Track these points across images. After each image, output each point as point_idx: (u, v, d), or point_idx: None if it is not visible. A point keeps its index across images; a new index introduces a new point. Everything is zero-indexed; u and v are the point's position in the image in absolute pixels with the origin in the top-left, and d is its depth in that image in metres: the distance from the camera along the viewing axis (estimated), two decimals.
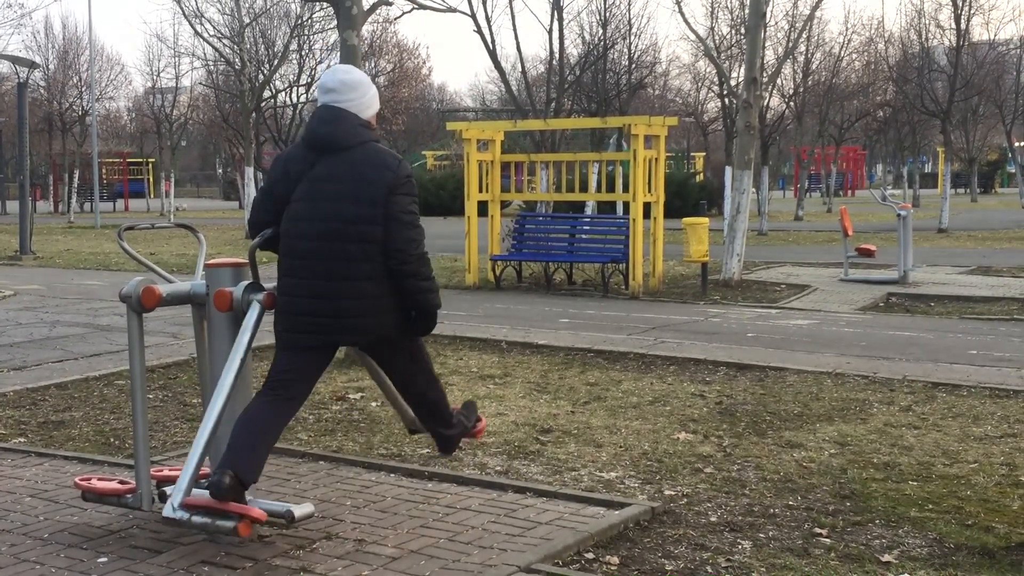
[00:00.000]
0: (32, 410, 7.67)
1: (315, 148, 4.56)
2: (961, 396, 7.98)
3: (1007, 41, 45.81)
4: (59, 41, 48.22)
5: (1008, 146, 54.56)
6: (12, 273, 19.24)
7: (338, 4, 9.96)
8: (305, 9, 31.19)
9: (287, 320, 4.54)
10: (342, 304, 4.45)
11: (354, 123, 4.56)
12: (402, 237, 4.44)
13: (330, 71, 4.75)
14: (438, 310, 4.65)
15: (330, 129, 4.54)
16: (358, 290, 4.44)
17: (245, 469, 4.36)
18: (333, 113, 4.56)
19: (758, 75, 17.09)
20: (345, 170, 4.47)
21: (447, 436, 5.06)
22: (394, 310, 4.54)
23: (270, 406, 4.56)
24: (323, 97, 4.63)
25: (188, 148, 68.49)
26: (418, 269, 4.49)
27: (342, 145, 4.51)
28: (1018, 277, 16.80)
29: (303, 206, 4.50)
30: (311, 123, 4.66)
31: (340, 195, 4.45)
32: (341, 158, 4.50)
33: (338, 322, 4.47)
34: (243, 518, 4.31)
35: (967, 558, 4.62)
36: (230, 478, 4.29)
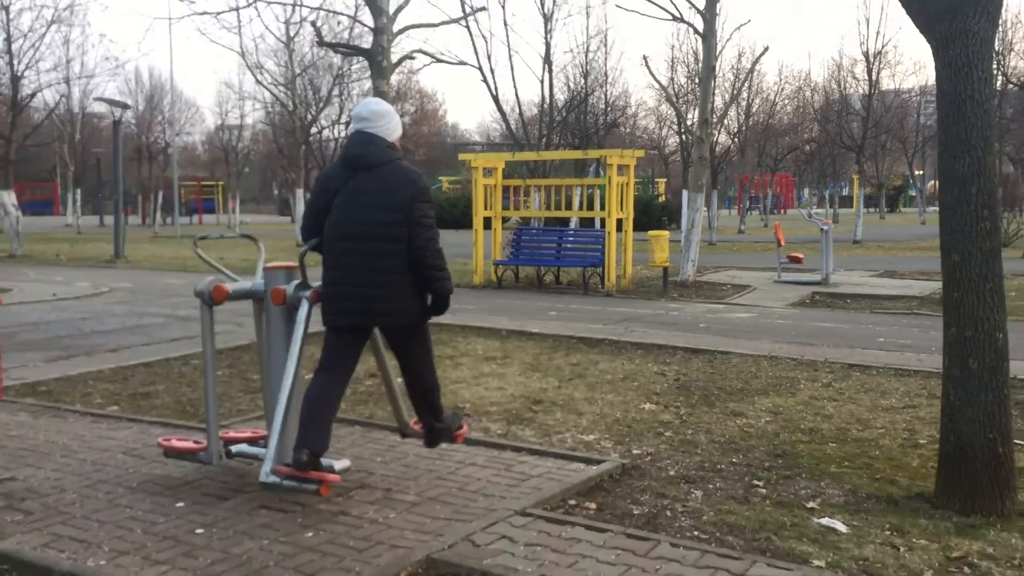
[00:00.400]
0: (124, 384, 7.66)
1: (350, 166, 4.54)
2: (871, 375, 7.97)
3: (910, 90, 45.78)
4: (146, 86, 48.15)
5: (910, 174, 54.55)
6: (108, 273, 19.20)
7: (372, 58, 9.94)
8: (345, 62, 31.17)
9: (331, 305, 4.52)
10: (374, 291, 4.44)
11: (382, 145, 4.55)
12: (423, 237, 4.44)
13: (362, 103, 4.71)
14: (450, 295, 4.63)
15: (363, 151, 4.52)
16: (387, 280, 4.44)
17: (317, 444, 4.40)
18: (365, 137, 4.55)
19: (709, 116, 17.07)
20: (375, 184, 4.46)
21: (437, 429, 4.85)
22: (415, 296, 4.53)
23: (326, 384, 4.54)
24: (356, 124, 4.61)
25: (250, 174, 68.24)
26: (435, 262, 4.48)
27: (373, 163, 4.50)
28: (917, 279, 16.78)
29: (341, 214, 4.49)
30: (348, 146, 4.62)
31: (371, 204, 4.44)
32: (372, 174, 4.48)
33: (371, 306, 4.46)
34: (323, 482, 4.36)
35: (876, 505, 4.62)
36: (307, 456, 4.34)
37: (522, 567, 3.74)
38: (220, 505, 4.50)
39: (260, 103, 38.69)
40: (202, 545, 3.99)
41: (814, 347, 9.49)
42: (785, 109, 39.97)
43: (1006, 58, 28.75)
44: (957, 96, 4.50)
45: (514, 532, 4.13)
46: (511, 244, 16.58)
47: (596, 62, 29.50)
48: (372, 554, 3.89)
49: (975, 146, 4.47)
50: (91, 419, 6.33)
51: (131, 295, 14.86)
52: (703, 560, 3.81)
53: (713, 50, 16.99)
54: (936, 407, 6.15)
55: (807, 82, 40.98)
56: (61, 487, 4.79)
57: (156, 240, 33.06)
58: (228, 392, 7.24)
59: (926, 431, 6.04)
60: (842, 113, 34.91)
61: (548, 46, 26.23)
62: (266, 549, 3.94)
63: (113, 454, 5.41)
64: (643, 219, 28.35)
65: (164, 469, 5.08)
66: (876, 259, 22.08)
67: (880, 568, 3.81)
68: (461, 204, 37.43)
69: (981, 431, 4.48)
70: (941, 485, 4.63)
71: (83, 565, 3.78)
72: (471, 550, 3.92)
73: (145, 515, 4.36)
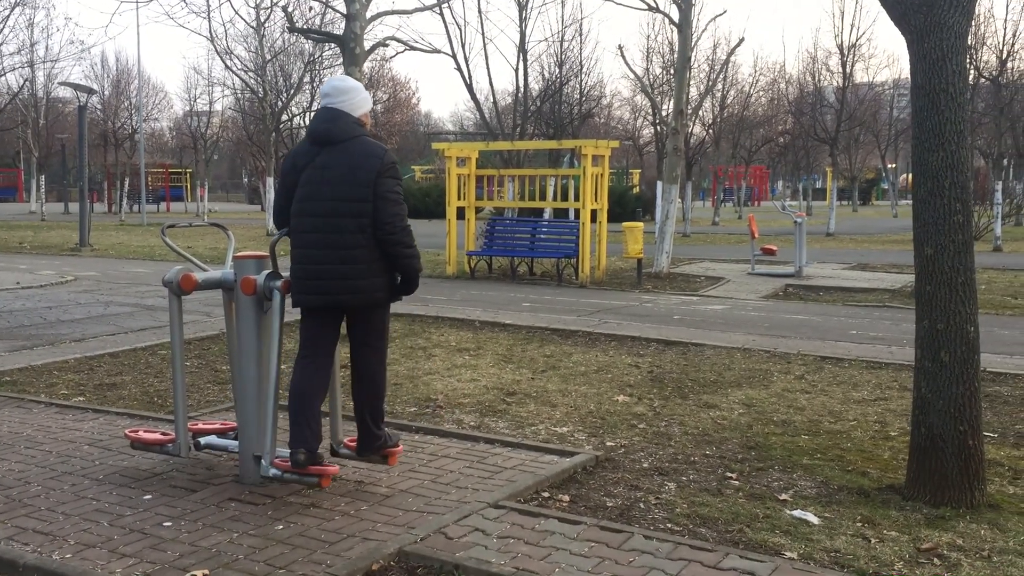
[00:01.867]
0: (89, 374, 7.58)
1: (317, 142, 4.50)
2: (843, 367, 8.05)
3: (883, 83, 46.27)
4: (113, 71, 47.51)
5: (882, 167, 55.10)
6: (73, 262, 18.96)
7: (344, 45, 9.87)
8: (317, 49, 30.94)
9: (299, 284, 4.49)
10: (340, 268, 4.39)
11: (348, 121, 4.51)
12: (389, 212, 4.40)
13: (328, 80, 4.68)
14: (419, 274, 4.59)
15: (328, 127, 4.49)
16: (353, 257, 4.39)
17: (311, 441, 4.39)
18: (331, 113, 4.52)
19: (684, 108, 17.12)
20: (341, 159, 4.43)
21: (374, 435, 4.66)
22: (383, 274, 4.47)
23: (310, 376, 4.50)
24: (322, 100, 4.59)
25: (219, 161, 67.78)
26: (402, 239, 4.44)
27: (338, 139, 4.46)
28: (890, 272, 16.97)
29: (308, 190, 4.45)
30: (313, 121, 4.59)
31: (337, 179, 4.40)
32: (338, 149, 4.45)
33: (338, 283, 4.40)
34: (323, 476, 4.39)
35: (847, 496, 4.67)
36: (303, 455, 4.35)
37: (495, 559, 3.74)
38: (189, 497, 4.46)
39: (230, 89, 38.38)
40: (170, 538, 3.96)
41: (787, 339, 9.57)
42: (760, 101, 40.24)
43: (978, 52, 29.10)
44: (931, 89, 4.54)
45: (487, 524, 4.13)
46: (485, 235, 16.56)
47: (571, 51, 29.54)
48: (343, 547, 3.87)
49: (948, 139, 4.52)
50: (56, 410, 6.26)
51: (97, 284, 14.69)
52: (676, 552, 3.84)
53: (688, 41, 17.04)
54: (907, 399, 6.23)
55: (781, 74, 41.29)
56: (25, 479, 4.73)
57: (122, 228, 32.67)
58: (197, 383, 7.18)
59: (897, 423, 6.11)
60: (816, 106, 35.17)
61: (523, 35, 26.19)
62: (235, 542, 3.92)
63: (79, 446, 5.35)
64: (617, 210, 28.46)
65: (131, 461, 5.04)
66: (849, 252, 22.29)
67: (851, 559, 3.85)
68: (434, 194, 37.30)
69: (952, 423, 4.54)
70: (912, 477, 4.68)
71: (48, 558, 3.73)
72: (443, 542, 3.92)
73: (112, 507, 4.32)
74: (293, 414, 4.46)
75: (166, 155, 60.09)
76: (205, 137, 48.25)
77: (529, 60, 26.77)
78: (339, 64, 28.12)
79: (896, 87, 47.11)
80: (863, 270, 17.56)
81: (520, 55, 26.43)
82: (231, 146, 53.77)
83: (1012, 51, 29.04)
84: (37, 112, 41.20)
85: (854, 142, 41.61)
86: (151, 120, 50.98)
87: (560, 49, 28.83)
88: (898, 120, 47.90)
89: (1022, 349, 9.15)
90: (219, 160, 66.73)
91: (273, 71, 31.47)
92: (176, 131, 57.47)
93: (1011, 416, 6.38)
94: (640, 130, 41.43)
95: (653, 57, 31.87)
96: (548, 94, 28.68)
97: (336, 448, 4.92)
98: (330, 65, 32.48)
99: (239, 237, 24.08)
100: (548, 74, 29.36)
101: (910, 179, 5.48)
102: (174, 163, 57.43)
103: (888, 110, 48.61)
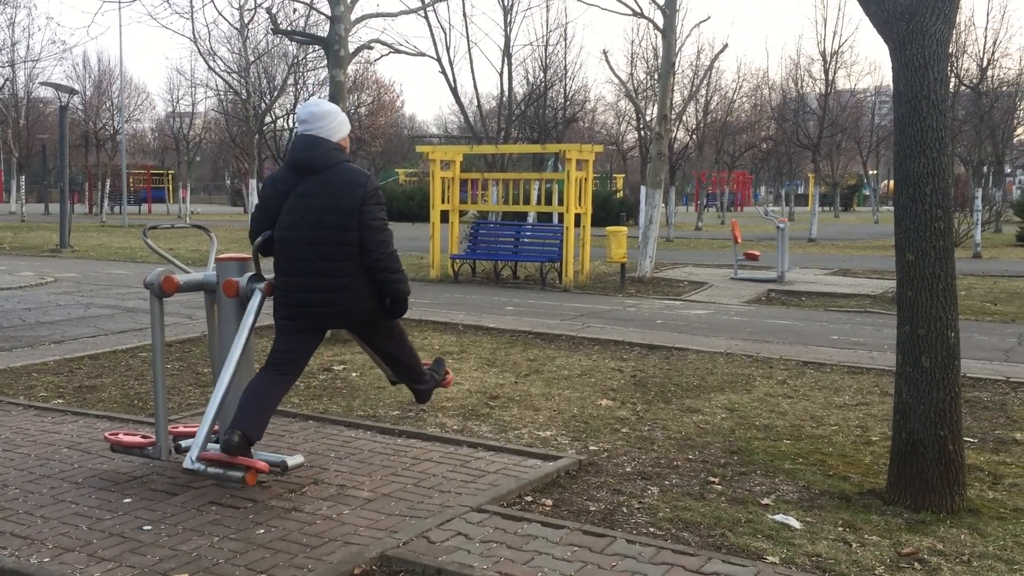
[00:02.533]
0: (69, 376, 7.51)
1: (298, 170, 4.49)
2: (825, 372, 8.09)
3: (865, 90, 46.58)
4: (95, 72, 47.17)
5: (864, 173, 55.48)
6: (53, 263, 18.81)
7: (328, 47, 9.84)
8: (301, 50, 30.84)
9: (285, 310, 4.51)
10: (328, 296, 4.43)
11: (328, 147, 4.49)
12: (374, 240, 4.41)
13: (304, 105, 4.65)
14: (408, 296, 4.62)
15: (308, 155, 4.47)
16: (340, 284, 4.42)
17: (251, 429, 4.35)
18: (309, 141, 4.50)
19: (668, 113, 17.19)
20: (323, 188, 4.41)
21: (421, 390, 5.11)
22: (371, 298, 4.51)
23: (272, 379, 4.52)
24: (300, 127, 4.57)
25: (202, 163, 67.38)
26: (388, 264, 4.46)
27: (319, 167, 4.45)
28: (871, 278, 17.08)
29: (291, 219, 4.45)
30: (293, 150, 4.56)
31: (320, 208, 4.40)
32: (319, 178, 4.44)
33: (326, 310, 4.46)
34: (249, 469, 4.30)
35: (829, 501, 4.68)
36: (239, 436, 4.29)
37: (477, 564, 3.73)
38: (169, 501, 4.43)
39: (213, 91, 38.15)
40: (150, 542, 3.93)
41: (769, 344, 9.61)
42: (743, 107, 40.45)
43: (959, 60, 29.35)
44: (913, 96, 4.57)
45: (469, 529, 4.12)
46: (468, 238, 16.55)
47: (556, 56, 29.61)
48: (325, 551, 3.85)
49: (930, 146, 4.55)
50: (35, 412, 6.20)
51: (77, 285, 14.57)
52: (659, 556, 3.84)
53: (673, 46, 17.10)
54: (888, 404, 6.27)
55: (765, 80, 41.48)
56: (3, 482, 4.68)
57: (103, 229, 32.43)
58: (178, 386, 7.13)
59: (878, 428, 6.14)
60: (799, 112, 35.38)
61: (508, 39, 26.23)
62: (216, 546, 3.89)
63: (58, 448, 5.30)
64: (601, 215, 28.53)
65: (111, 464, 4.99)
66: (831, 257, 22.42)
67: (833, 564, 3.86)
68: (418, 197, 37.29)
69: (932, 428, 4.57)
70: (893, 482, 4.71)
71: (26, 562, 3.69)
72: (426, 547, 3.90)
73: (91, 511, 4.28)
74: (245, 401, 4.41)
75: (148, 156, 59.72)
76: (188, 139, 47.99)
77: (514, 64, 26.83)
78: (323, 66, 28.07)
79: (878, 94, 47.42)
80: (845, 275, 17.66)
81: (505, 59, 26.47)
82: (214, 148, 53.55)
83: (992, 59, 29.31)
84: (18, 112, 40.80)
85: (836, 148, 41.83)
86: (133, 121, 50.69)
87: (545, 53, 28.91)
88: (880, 127, 48.22)
89: (1001, 355, 9.22)
90: (202, 162, 66.35)
91: (257, 73, 31.32)
92: (158, 132, 57.13)
93: (991, 421, 6.42)
94: (624, 135, 41.61)
95: (637, 62, 32.04)
96: (533, 98, 28.73)
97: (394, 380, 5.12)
98: (314, 67, 32.39)
99: (222, 239, 23.98)
100: (533, 78, 29.42)
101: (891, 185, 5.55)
102: (156, 164, 57.09)
103: (870, 117, 48.94)
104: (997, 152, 33.48)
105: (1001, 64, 31.11)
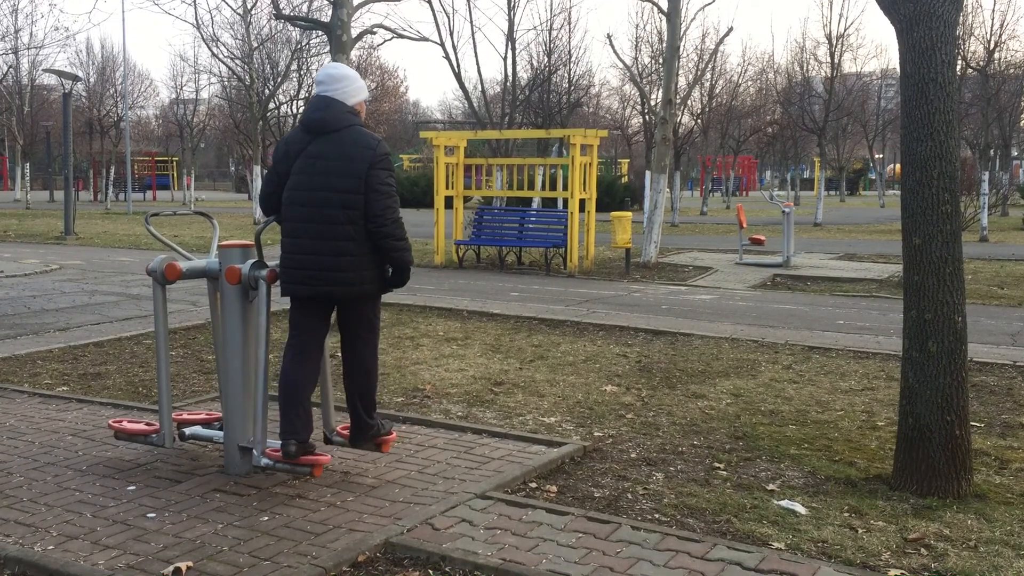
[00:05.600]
0: (73, 364, 7.52)
1: (310, 130, 4.45)
2: (831, 357, 8.06)
3: (871, 73, 46.32)
4: (98, 58, 47.21)
5: (870, 157, 55.25)
6: (58, 250, 18.82)
7: (331, 32, 9.79)
8: (304, 36, 30.76)
9: (287, 274, 4.44)
10: (330, 260, 4.35)
11: (342, 110, 4.47)
12: (380, 204, 4.35)
13: (323, 67, 4.65)
14: (410, 267, 4.57)
15: (321, 115, 4.45)
16: (342, 248, 4.35)
17: (301, 431, 4.38)
18: (324, 101, 4.47)
19: (672, 97, 17.10)
20: (333, 149, 4.38)
21: (367, 424, 4.65)
22: (372, 267, 4.44)
23: (300, 366, 4.46)
24: (317, 88, 4.54)
25: (206, 149, 67.37)
26: (393, 231, 4.40)
27: (331, 128, 4.42)
28: (877, 262, 17.02)
29: (299, 179, 4.40)
30: (306, 110, 4.54)
31: (329, 170, 4.36)
32: (331, 139, 4.40)
33: (326, 275, 4.36)
34: (315, 465, 4.37)
35: (835, 487, 4.67)
36: (294, 446, 4.34)
37: (482, 551, 3.72)
38: (173, 488, 4.43)
39: (216, 77, 38.16)
40: (154, 529, 3.92)
41: (775, 329, 9.58)
42: (748, 91, 40.25)
43: (966, 43, 29.16)
44: (920, 79, 4.53)
45: (474, 515, 4.11)
46: (473, 224, 16.52)
47: (560, 40, 29.51)
48: (329, 538, 3.85)
49: (937, 129, 4.51)
50: (39, 400, 6.20)
51: (82, 273, 14.58)
52: (664, 543, 3.83)
53: (677, 30, 16.99)
54: (894, 389, 6.24)
55: (770, 64, 41.39)
56: (7, 470, 4.68)
57: (108, 216, 32.45)
58: (182, 373, 7.13)
59: (884, 413, 6.12)
60: (804, 96, 35.19)
61: (511, 23, 26.11)
62: (220, 533, 3.89)
63: (62, 436, 5.30)
64: (606, 200, 28.48)
65: (115, 452, 4.99)
66: (836, 242, 22.34)
67: (839, 550, 3.85)
68: (422, 183, 37.22)
69: (939, 413, 4.54)
70: (899, 467, 4.69)
71: (30, 550, 3.69)
72: (430, 534, 3.90)
73: (95, 499, 4.28)
74: (283, 405, 4.44)
75: (152, 143, 59.69)
76: (192, 125, 47.96)
77: (518, 49, 26.73)
78: (326, 52, 27.96)
79: (884, 77, 47.13)
80: (851, 260, 17.60)
81: (509, 44, 26.36)
82: (218, 134, 53.50)
83: (1000, 42, 29.12)
84: (21, 99, 40.84)
85: (842, 132, 41.65)
86: (137, 108, 50.67)
87: (549, 38, 28.79)
88: (886, 110, 47.99)
89: (1008, 339, 9.18)
90: (206, 148, 66.34)
91: (260, 59, 31.29)
92: (162, 119, 57.09)
93: (997, 406, 6.40)
94: (629, 119, 41.40)
95: (642, 46, 31.85)
96: (537, 83, 28.63)
97: (329, 436, 4.91)
98: (317, 53, 32.32)
99: (226, 226, 23.98)
100: (537, 63, 29.32)
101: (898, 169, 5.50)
102: (160, 151, 57.07)
103: (876, 100, 48.68)
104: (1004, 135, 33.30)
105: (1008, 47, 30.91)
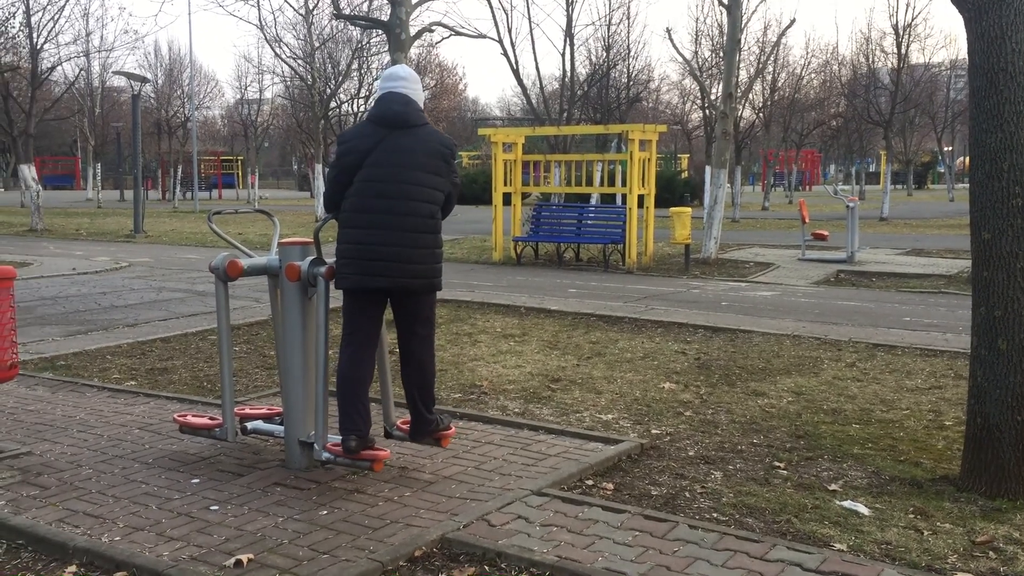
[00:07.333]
0: (141, 359, 7.70)
1: (388, 124, 4.46)
2: (896, 355, 7.88)
3: (940, 63, 45.07)
4: (166, 60, 48.27)
5: (938, 150, 53.86)
6: (127, 248, 19.33)
7: (390, 31, 9.87)
8: (364, 35, 31.09)
9: (360, 265, 4.39)
10: (410, 252, 4.39)
11: (418, 107, 4.58)
12: (454, 200, 4.64)
13: (391, 68, 4.72)
14: None
15: (404, 110, 4.50)
16: (423, 241, 4.43)
17: (361, 427, 4.44)
18: (404, 97, 4.54)
19: (733, 91, 16.88)
20: (417, 143, 4.45)
21: (426, 420, 4.67)
22: (440, 259, 4.57)
23: (358, 362, 4.49)
24: (391, 83, 4.55)
25: (270, 148, 68.59)
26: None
27: (413, 123, 4.49)
28: (945, 258, 16.59)
29: (376, 171, 4.41)
30: (384, 103, 4.51)
31: (415, 164, 4.43)
32: (411, 134, 4.46)
33: (402, 267, 4.38)
34: (375, 460, 4.43)
35: (899, 488, 4.56)
36: (355, 440, 4.39)
37: (537, 547, 3.72)
38: (235, 482, 4.51)
39: (279, 77, 38.76)
40: (216, 522, 4.00)
41: (838, 326, 9.40)
42: (811, 83, 39.48)
43: None
44: (990, 69, 4.39)
45: (530, 512, 4.11)
46: (531, 220, 16.52)
47: (619, 35, 29.32)
48: (386, 533, 3.88)
49: (1007, 120, 4.37)
50: (108, 394, 6.37)
51: (150, 270, 14.95)
52: (722, 543, 3.78)
53: (738, 22, 16.77)
54: (962, 388, 6.07)
55: (834, 56, 40.47)
56: (77, 462, 4.82)
57: (176, 215, 33.21)
58: (245, 368, 7.26)
59: (952, 412, 5.96)
60: (870, 87, 34.41)
61: (570, 19, 26.04)
62: (280, 527, 3.95)
63: (129, 429, 5.44)
64: (665, 195, 28.22)
65: (180, 445, 5.10)
66: (903, 237, 21.84)
67: (903, 552, 3.76)
68: (481, 180, 37.31)
69: (1009, 413, 4.41)
70: (967, 467, 4.56)
71: (98, 541, 3.79)
72: (486, 530, 3.90)
73: (160, 491, 4.38)
74: (342, 400, 4.48)
75: (218, 143, 60.93)
76: (256, 125, 48.80)
77: (576, 44, 26.65)
78: (386, 51, 28.21)
79: (953, 68, 45.84)
80: (918, 255, 17.19)
81: (567, 39, 26.29)
82: (281, 133, 54.37)
83: None
84: (92, 101, 41.94)
85: (909, 124, 40.61)
86: (203, 108, 51.78)
87: (607, 33, 28.64)
88: (955, 102, 46.67)
89: None
90: (270, 147, 67.53)
91: (321, 58, 31.70)
92: (227, 119, 58.24)
93: None
94: (688, 114, 40.99)
95: (702, 40, 31.45)
96: (595, 78, 28.51)
97: (390, 430, 4.97)
98: (377, 52, 32.64)
99: (289, 224, 24.36)
100: (595, 58, 29.19)
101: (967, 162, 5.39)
102: (226, 151, 58.21)
103: (945, 91, 47.36)
104: None
105: None
